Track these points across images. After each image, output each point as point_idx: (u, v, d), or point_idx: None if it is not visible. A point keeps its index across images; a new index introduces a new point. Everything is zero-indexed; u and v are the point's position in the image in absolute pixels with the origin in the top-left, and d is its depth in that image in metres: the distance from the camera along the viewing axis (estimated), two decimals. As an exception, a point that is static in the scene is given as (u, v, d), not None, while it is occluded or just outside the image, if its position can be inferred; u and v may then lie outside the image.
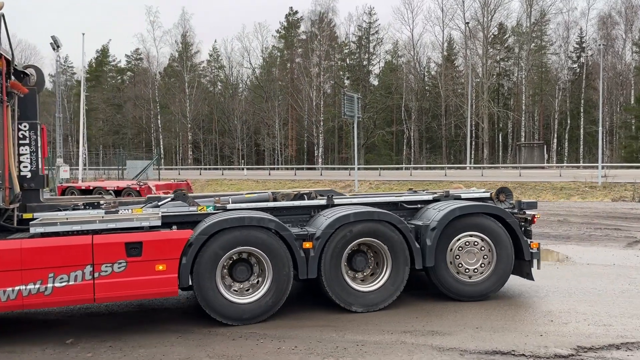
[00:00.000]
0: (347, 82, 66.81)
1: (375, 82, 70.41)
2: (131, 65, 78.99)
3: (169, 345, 5.22)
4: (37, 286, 5.12)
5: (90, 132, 62.88)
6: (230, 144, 68.47)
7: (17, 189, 5.66)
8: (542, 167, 43.10)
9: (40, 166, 6.17)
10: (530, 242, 6.77)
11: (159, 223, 5.63)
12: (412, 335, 5.44)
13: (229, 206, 6.27)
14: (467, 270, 6.62)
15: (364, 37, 68.54)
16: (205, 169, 55.60)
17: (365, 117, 56.73)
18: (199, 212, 6.13)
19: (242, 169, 51.54)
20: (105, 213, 5.91)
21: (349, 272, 6.28)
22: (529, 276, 6.84)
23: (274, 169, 52.96)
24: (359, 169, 27.92)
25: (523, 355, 4.90)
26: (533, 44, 60.39)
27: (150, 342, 5.31)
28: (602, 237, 12.15)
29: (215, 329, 5.68)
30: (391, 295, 6.30)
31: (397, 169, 48.29)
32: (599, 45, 46.99)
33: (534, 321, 5.89)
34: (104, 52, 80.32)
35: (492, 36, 61.57)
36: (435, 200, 7.06)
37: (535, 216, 6.90)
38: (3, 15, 5.55)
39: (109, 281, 5.29)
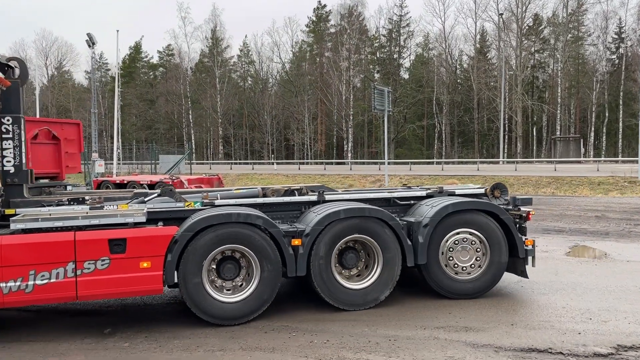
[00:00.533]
0: (377, 75, 66.37)
1: (406, 76, 69.74)
2: (163, 61, 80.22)
3: (203, 337, 5.30)
4: (17, 284, 5.02)
5: (124, 128, 64.25)
6: (260, 139, 68.93)
7: None
8: (579, 162, 41.99)
9: (24, 161, 5.98)
10: (525, 239, 6.63)
11: (143, 219, 5.49)
12: (445, 331, 5.38)
13: (217, 202, 6.16)
14: (459, 267, 6.48)
15: (394, 30, 67.91)
16: (236, 163, 56.13)
17: (396, 111, 56.25)
18: (186, 208, 6.01)
19: (272, 163, 51.85)
20: (90, 209, 5.81)
21: (340, 269, 6.16)
22: (523, 274, 6.69)
23: (303, 163, 53.08)
24: (389, 163, 27.74)
25: (560, 353, 4.79)
26: (570, 35, 58.74)
27: (185, 334, 5.40)
28: (643, 234, 11.77)
29: (248, 322, 5.72)
30: (382, 293, 6.16)
31: (428, 163, 47.78)
32: (639, 35, 45.36)
33: (572, 319, 5.74)
34: (136, 49, 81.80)
35: (527, 27, 60.14)
36: (428, 196, 6.93)
37: (530, 213, 6.75)
38: None
39: (91, 279, 5.18)
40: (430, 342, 5.08)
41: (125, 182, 19.62)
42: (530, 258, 6.62)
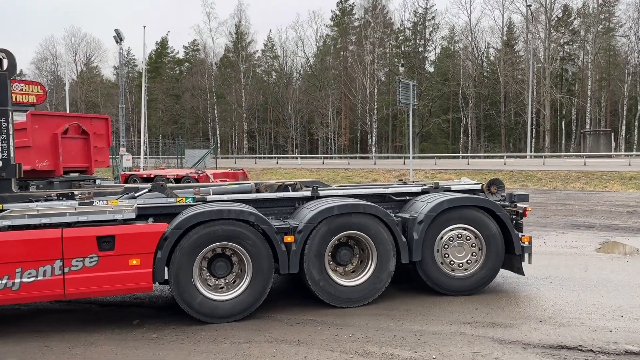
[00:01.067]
0: (401, 69, 65.81)
1: (431, 69, 69.00)
2: (189, 56, 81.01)
3: (229, 329, 5.35)
4: (3, 281, 4.93)
5: (151, 122, 65.12)
6: (284, 133, 69.14)
7: None
8: (609, 156, 40.96)
9: (12, 155, 5.83)
10: (522, 235, 6.51)
11: (133, 216, 5.37)
12: (472, 327, 5.33)
13: (209, 198, 6.06)
14: (455, 264, 6.40)
15: (419, 24, 67.20)
16: (260, 158, 56.43)
17: (421, 104, 55.73)
18: (178, 203, 5.90)
19: (296, 158, 51.97)
20: (79, 204, 5.68)
21: (333, 266, 6.08)
22: (519, 271, 6.58)
23: (327, 158, 53.05)
24: (414, 157, 27.52)
25: (591, 351, 4.70)
26: (600, 26, 57.25)
27: (212, 326, 5.45)
28: (677, 230, 11.44)
29: (273, 315, 5.76)
30: (376, 291, 6.07)
31: (454, 157, 47.24)
32: (674, 25, 43.94)
33: (603, 316, 5.62)
34: (163, 44, 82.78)
35: (556, 19, 58.81)
36: (424, 192, 6.83)
37: (527, 209, 6.64)
38: None
39: (79, 276, 5.09)
40: (457, 338, 5.03)
41: (152, 176, 19.92)
42: (526, 255, 6.51)
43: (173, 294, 5.47)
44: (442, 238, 6.36)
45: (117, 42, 37.03)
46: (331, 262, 6.05)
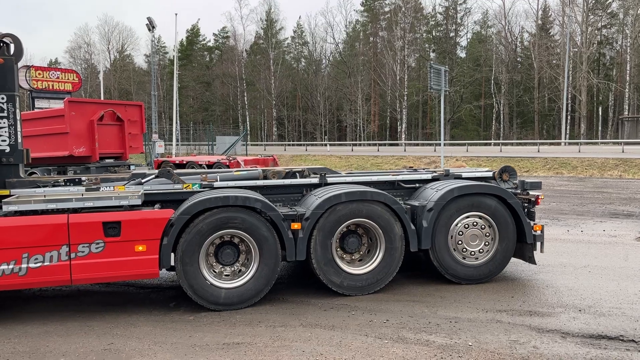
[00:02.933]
0: (432, 55, 64.77)
1: (463, 55, 67.70)
2: (219, 43, 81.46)
3: (264, 313, 5.41)
4: (10, 267, 4.97)
5: (182, 109, 65.94)
6: (313, 120, 69.08)
7: None
8: (648, 143, 39.60)
9: (19, 140, 5.83)
10: (534, 224, 6.39)
11: (139, 202, 5.36)
12: (508, 314, 5.26)
13: (216, 184, 6.05)
14: (468, 252, 6.31)
15: (451, 8, 65.90)
16: (289, 144, 56.61)
17: (452, 90, 54.80)
18: (184, 190, 5.90)
19: (325, 144, 51.92)
20: (86, 190, 5.68)
21: (340, 253, 6.02)
22: (531, 260, 6.46)
23: (356, 144, 52.80)
24: (444, 144, 27.16)
25: (633, 341, 4.58)
26: (641, 8, 55.08)
27: (246, 310, 5.52)
28: None
29: (307, 300, 5.80)
30: (384, 278, 6.00)
31: (486, 144, 46.41)
32: None
33: (631, 304, 5.47)
34: (194, 32, 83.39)
35: (593, 1, 56.82)
36: (434, 179, 6.75)
37: (540, 197, 6.49)
38: None
39: (86, 262, 5.12)
40: (493, 325, 4.97)
41: (185, 162, 20.21)
42: (538, 244, 6.39)
43: (179, 280, 5.46)
44: (456, 225, 6.26)
45: (149, 30, 37.48)
46: (339, 250, 6.01)
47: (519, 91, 60.34)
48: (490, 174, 6.99)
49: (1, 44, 5.84)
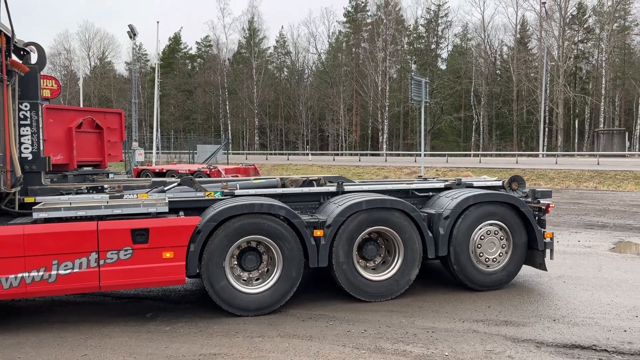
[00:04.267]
0: (413, 66, 65.47)
1: (443, 67, 68.58)
2: (201, 52, 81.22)
3: (242, 323, 5.37)
4: (40, 273, 4.96)
5: (163, 117, 65.41)
6: (295, 130, 69.14)
7: (19, 172, 5.48)
8: (623, 155, 40.51)
9: (41, 148, 5.88)
10: (544, 231, 6.60)
11: (166, 209, 5.43)
12: (484, 324, 5.31)
13: (237, 192, 6.15)
14: (487, 259, 6.49)
15: (432, 21, 66.80)
16: (271, 154, 56.51)
17: (433, 102, 55.45)
18: (207, 197, 5.98)
19: (307, 154, 51.95)
20: (110, 198, 5.75)
21: (360, 260, 6.14)
22: (541, 266, 6.65)
23: (338, 154, 52.99)
24: (425, 155, 27.41)
25: (605, 350, 4.66)
26: (615, 25, 56.48)
27: (224, 320, 5.48)
28: (692, 231, 11.30)
29: (285, 310, 5.77)
30: (403, 285, 6.15)
31: (465, 155, 46.97)
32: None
33: (617, 316, 5.57)
34: (176, 40, 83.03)
35: (570, 16, 58.14)
36: (446, 188, 6.94)
37: (550, 205, 6.72)
38: None
39: (114, 269, 5.14)
40: (469, 335, 5.02)
41: (165, 170, 20.03)
42: (548, 251, 6.59)
43: (205, 287, 5.52)
44: (476, 233, 6.42)
45: (130, 37, 37.24)
46: (358, 256, 6.12)
47: (498, 103, 61.30)
48: (499, 183, 7.22)
49: (24, 53, 5.88)
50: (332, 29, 73.19)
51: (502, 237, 6.55)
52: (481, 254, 6.45)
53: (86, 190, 6.12)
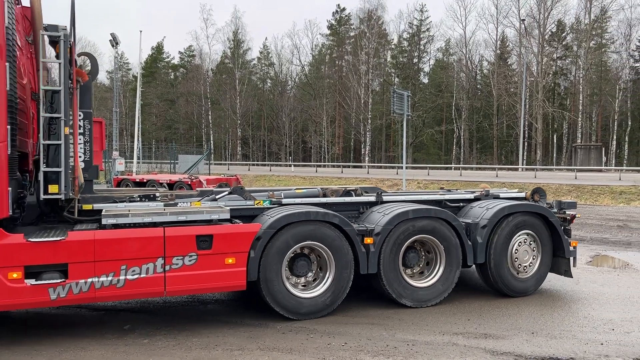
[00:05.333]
0: (396, 80, 66.13)
1: (425, 80, 69.38)
2: (184, 62, 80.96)
3: (221, 336, 5.32)
4: (109, 278, 5.02)
5: (144, 127, 64.84)
6: (278, 141, 69.12)
7: (82, 179, 5.57)
8: (600, 170, 41.26)
9: (92, 157, 6.04)
10: (570, 240, 6.99)
11: (227, 216, 5.61)
12: (464, 337, 5.33)
13: (284, 201, 6.33)
14: (521, 267, 6.83)
15: (414, 35, 67.65)
16: (254, 164, 56.33)
17: (415, 115, 55.97)
18: (256, 206, 6.16)
19: (290, 165, 51.94)
20: (164, 205, 5.85)
21: (404, 268, 6.33)
22: (567, 273, 7.02)
23: (320, 166, 53.04)
24: (407, 168, 27.60)
25: (582, 363, 4.71)
26: (592, 42, 57.87)
27: (203, 332, 5.42)
28: (666, 245, 11.54)
29: (265, 322, 5.74)
30: (445, 291, 6.40)
31: (446, 168, 47.40)
32: (665, 43, 44.47)
33: (594, 329, 5.65)
34: (158, 49, 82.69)
35: (549, 34, 59.41)
36: (476, 199, 7.22)
37: (576, 216, 7.19)
38: (73, 1, 5.41)
39: (179, 274, 5.24)
40: (449, 348, 5.03)
41: (145, 180, 19.84)
42: (571, 258, 7.02)
43: (263, 292, 5.62)
44: (514, 242, 6.76)
45: (112, 45, 36.95)
46: (402, 264, 6.30)
47: (479, 117, 62.13)
48: (522, 195, 7.62)
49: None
50: (315, 41, 73.67)
51: (533, 246, 6.91)
52: (517, 262, 6.77)
53: (138, 199, 6.20)
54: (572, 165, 44.04)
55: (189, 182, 17.95)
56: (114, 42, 36.29)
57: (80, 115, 5.85)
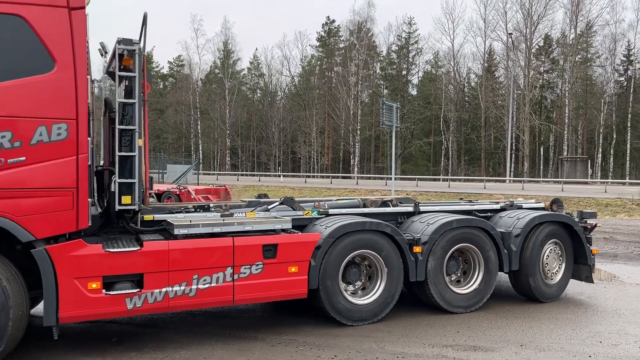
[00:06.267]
0: (385, 91, 66.56)
1: (414, 92, 69.93)
2: (173, 71, 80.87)
3: (210, 349, 5.28)
4: (182, 288, 5.11)
5: (133, 136, 64.39)
6: (267, 151, 69.08)
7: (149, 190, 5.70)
8: (586, 183, 41.74)
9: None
10: (592, 248, 7.45)
11: (290, 226, 5.80)
12: (453, 350, 5.34)
13: (331, 211, 6.54)
14: (550, 273, 7.28)
15: (403, 47, 68.24)
16: (243, 174, 56.19)
17: (403, 127, 56.31)
18: (306, 216, 6.35)
19: (279, 175, 51.90)
20: (221, 216, 5.98)
21: (446, 276, 6.58)
22: (588, 279, 7.47)
23: (309, 176, 53.09)
24: (395, 179, 27.71)
25: (571, 376, 4.73)
26: (578, 56, 58.78)
27: (191, 345, 5.38)
28: (652, 257, 11.68)
29: (255, 335, 5.71)
30: (484, 297, 6.75)
31: (435, 180, 47.67)
32: (649, 58, 45.28)
33: (582, 341, 5.68)
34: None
35: (536, 47, 60.26)
36: (502, 209, 7.57)
37: (597, 225, 7.63)
38: (145, 15, 5.48)
39: (247, 283, 5.38)
40: (439, 361, 5.03)
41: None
42: (592, 265, 7.44)
43: (322, 299, 5.79)
44: (545, 250, 7.18)
45: (101, 55, 36.76)
46: (445, 273, 6.54)
47: (467, 129, 62.69)
48: (542, 205, 7.98)
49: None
50: (305, 53, 73.95)
51: (559, 253, 7.36)
52: (547, 269, 7.20)
53: (193, 209, 6.27)
54: (559, 178, 44.53)
55: (177, 192, 17.84)
56: (103, 51, 36.11)
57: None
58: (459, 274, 6.79)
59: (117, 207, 5.17)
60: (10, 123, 4.48)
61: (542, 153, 61.83)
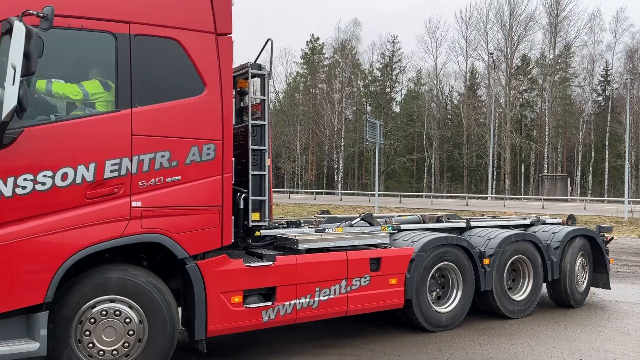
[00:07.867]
0: (369, 108, 67.13)
1: (397, 110, 70.61)
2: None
3: (190, 368, 5.19)
4: (307, 300, 5.40)
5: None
6: (250, 167, 68.89)
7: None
8: (566, 200, 42.41)
9: None
10: (609, 258, 8.42)
11: (387, 241, 6.28)
12: (435, 368, 5.32)
13: (403, 227, 6.96)
14: (580, 283, 8.09)
15: (387, 65, 69.03)
16: (226, 190, 55.82)
17: (387, 143, 56.73)
18: (383, 232, 6.64)
19: (262, 191, 51.60)
20: (315, 231, 6.26)
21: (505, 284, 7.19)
22: (605, 286, 8.37)
23: (293, 192, 53.07)
24: (379, 195, 27.83)
25: (551, 394, 4.74)
26: (557, 76, 60.06)
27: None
28: (630, 274, 11.83)
29: (234, 353, 5.63)
30: (533, 304, 7.45)
31: (418, 196, 47.98)
32: (626, 78, 46.46)
33: (563, 359, 5.71)
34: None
35: (516, 67, 61.45)
36: (531, 224, 8.22)
37: (613, 238, 8.75)
38: (271, 41, 5.77)
39: (357, 294, 5.72)
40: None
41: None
42: (608, 273, 8.35)
43: (414, 309, 6.21)
44: (577, 260, 7.98)
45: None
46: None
47: (449, 146, 63.38)
48: (559, 221, 8.71)
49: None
50: (289, 69, 74.34)
51: (585, 264, 8.20)
52: (578, 278, 8.00)
53: (286, 224, 6.45)
54: (540, 195, 45.17)
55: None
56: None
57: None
58: (509, 284, 7.33)
59: (251, 224, 5.38)
60: (169, 143, 4.68)
61: (523, 170, 62.70)
